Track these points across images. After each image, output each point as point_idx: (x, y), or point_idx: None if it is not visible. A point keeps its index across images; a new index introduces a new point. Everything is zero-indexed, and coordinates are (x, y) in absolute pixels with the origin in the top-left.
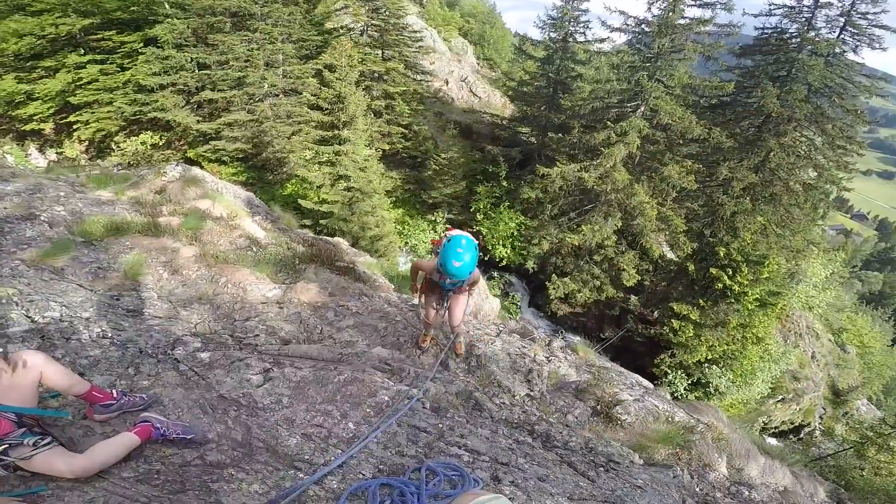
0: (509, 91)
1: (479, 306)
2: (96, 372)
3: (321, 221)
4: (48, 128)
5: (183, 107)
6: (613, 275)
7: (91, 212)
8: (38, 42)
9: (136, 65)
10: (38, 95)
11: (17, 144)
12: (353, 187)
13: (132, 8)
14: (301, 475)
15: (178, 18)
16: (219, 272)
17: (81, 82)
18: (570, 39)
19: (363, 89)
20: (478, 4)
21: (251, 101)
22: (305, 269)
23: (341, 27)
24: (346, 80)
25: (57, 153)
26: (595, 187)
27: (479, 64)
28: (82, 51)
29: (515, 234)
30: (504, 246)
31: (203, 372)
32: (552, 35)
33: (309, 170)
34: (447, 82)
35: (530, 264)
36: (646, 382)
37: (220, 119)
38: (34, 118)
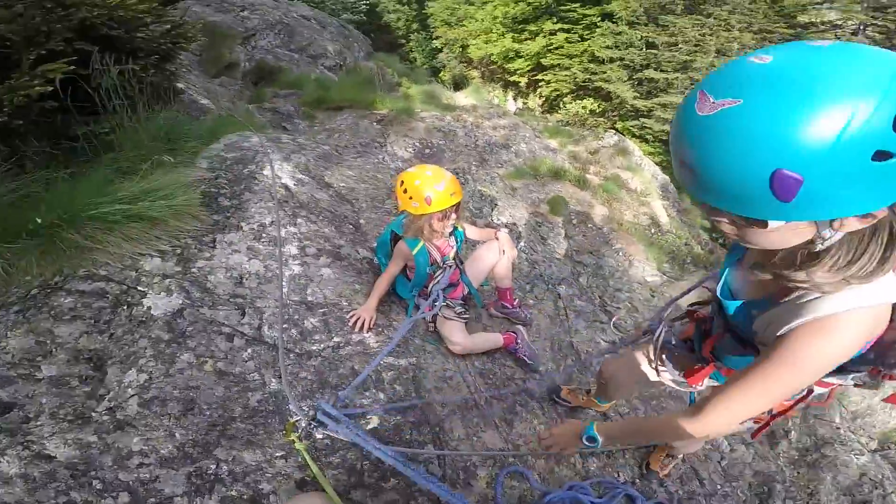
0: None
1: None
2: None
3: None
4: (523, 81)
5: (625, 81)
6: None
7: (541, 154)
8: (527, 9)
9: (593, 37)
10: (522, 54)
11: (502, 91)
12: None
13: None
14: None
15: None
16: (616, 238)
17: (551, 47)
18: None
19: None
20: None
21: (693, 85)
22: (695, 272)
23: (822, 23)
24: None
25: (523, 103)
26: None
27: None
28: (555, 19)
29: None
30: None
31: (571, 316)
32: None
33: None
34: None
35: None
36: None
37: (656, 98)
38: (516, 72)
